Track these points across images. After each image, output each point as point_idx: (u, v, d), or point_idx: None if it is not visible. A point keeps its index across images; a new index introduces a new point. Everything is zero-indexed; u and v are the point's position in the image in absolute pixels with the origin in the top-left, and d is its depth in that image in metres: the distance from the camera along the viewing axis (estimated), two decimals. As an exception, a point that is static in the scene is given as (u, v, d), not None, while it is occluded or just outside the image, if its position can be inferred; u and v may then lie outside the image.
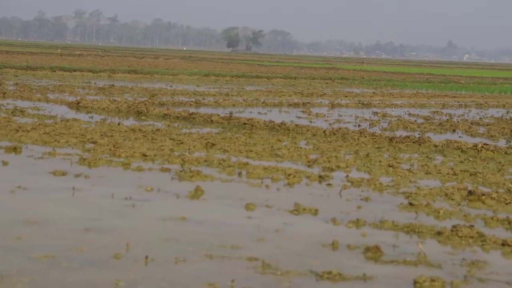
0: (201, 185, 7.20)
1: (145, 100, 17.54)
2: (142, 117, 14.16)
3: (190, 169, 8.18)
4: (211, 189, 7.22)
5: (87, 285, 4.24)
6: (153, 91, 21.61)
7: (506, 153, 10.76)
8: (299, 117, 15.72)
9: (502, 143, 12.29)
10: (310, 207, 6.48)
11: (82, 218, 5.86)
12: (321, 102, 20.60)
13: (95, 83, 24.23)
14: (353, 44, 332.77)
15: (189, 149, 9.85)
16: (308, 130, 12.82)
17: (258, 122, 13.56)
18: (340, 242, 5.33)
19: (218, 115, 14.44)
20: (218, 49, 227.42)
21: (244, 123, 13.51)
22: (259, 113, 16.40)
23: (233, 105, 18.27)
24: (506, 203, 6.91)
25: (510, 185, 7.85)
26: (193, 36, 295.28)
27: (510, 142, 12.56)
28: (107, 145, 9.62)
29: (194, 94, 21.42)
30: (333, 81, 34.38)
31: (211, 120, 13.89)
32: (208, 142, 10.39)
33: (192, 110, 15.71)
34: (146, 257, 4.77)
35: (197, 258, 4.85)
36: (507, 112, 19.37)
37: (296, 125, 13.29)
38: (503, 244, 5.41)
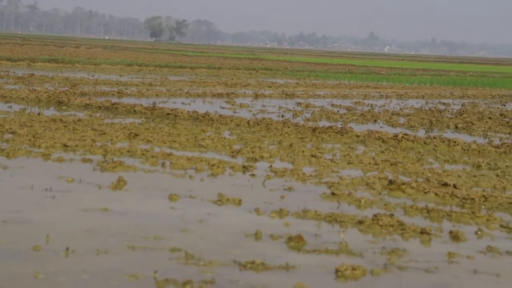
0: (123, 175, 7.11)
1: (66, 90, 17.23)
2: (63, 107, 13.92)
3: (112, 159, 8.08)
4: (134, 179, 7.15)
5: (6, 278, 4.14)
6: (75, 80, 21.25)
7: (425, 143, 10.98)
8: (223, 108, 15.71)
9: (421, 133, 12.54)
10: (233, 198, 6.48)
11: (0, 210, 5.72)
12: (245, 92, 20.63)
13: (13, 72, 23.67)
14: (277, 34, 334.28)
15: (111, 139, 9.72)
16: (232, 121, 12.82)
17: (181, 112, 13.49)
18: (263, 232, 5.35)
19: (141, 105, 14.30)
20: (141, 39, 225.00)
21: (168, 114, 13.42)
22: (182, 103, 16.32)
23: (157, 95, 18.13)
24: (425, 192, 7.05)
25: (429, 175, 8.01)
26: (115, 26, 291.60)
27: (429, 132, 12.83)
28: (27, 136, 9.41)
29: (117, 84, 21.16)
30: (257, 72, 34.47)
31: (134, 111, 13.74)
32: (131, 132, 10.28)
33: (114, 100, 15.52)
34: (67, 249, 4.69)
35: (119, 250, 4.80)
36: (426, 103, 19.77)
37: (220, 116, 13.27)
38: (421, 232, 5.52)
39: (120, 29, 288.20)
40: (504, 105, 20.16)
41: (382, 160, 8.96)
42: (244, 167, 8.10)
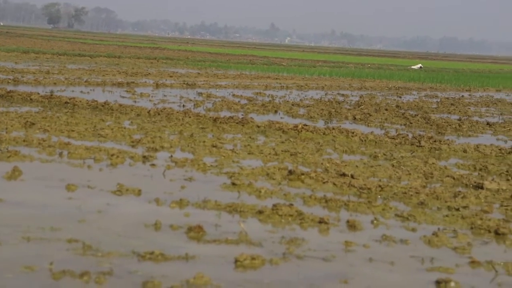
0: (19, 165, 6.93)
1: (-41, 77, 16.63)
2: (-44, 95, 13.43)
3: (7, 149, 7.86)
4: (30, 169, 6.97)
5: None
6: (-32, 67, 20.54)
7: (324, 133, 11.15)
8: (123, 97, 15.51)
9: (321, 124, 12.72)
10: (133, 188, 6.41)
11: None
12: (145, 82, 20.44)
13: None
14: (178, 24, 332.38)
15: (6, 128, 9.46)
16: (132, 110, 12.68)
17: (80, 101, 13.25)
18: (163, 223, 5.31)
19: (38, 93, 13.96)
20: (38, 26, 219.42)
21: (66, 102, 13.15)
22: (81, 92, 16.03)
23: (54, 83, 17.73)
24: (324, 182, 7.16)
25: (328, 165, 8.13)
26: (11, 11, 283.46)
27: (328, 123, 13.03)
28: None
29: (12, 71, 20.59)
30: (158, 61, 34.19)
31: (31, 99, 13.41)
32: (27, 121, 10.02)
33: (10, 88, 15.09)
34: (-41, 242, 4.53)
35: (13, 241, 4.67)
36: (325, 94, 20.07)
37: (120, 105, 13.10)
38: (320, 222, 5.61)
39: (16, 15, 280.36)
40: (400, 97, 20.67)
41: (282, 151, 9.04)
42: (144, 157, 8.03)
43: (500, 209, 6.44)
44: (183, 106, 14.40)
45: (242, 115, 13.10)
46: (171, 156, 8.21)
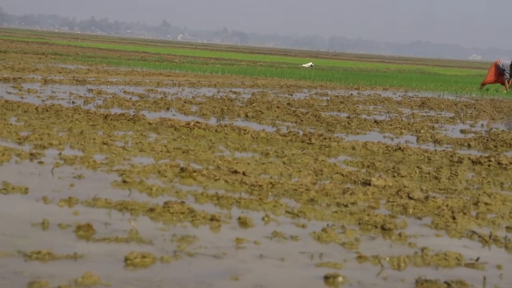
0: None
1: None
2: None
3: None
4: None
5: None
6: None
7: (216, 131, 11.17)
8: (9, 93, 15.08)
9: (213, 121, 12.74)
10: (20, 186, 6.24)
11: None
12: (33, 77, 19.92)
13: None
14: (67, 19, 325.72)
15: None
16: (19, 106, 12.34)
17: (-36, 96, 12.79)
18: (51, 221, 5.20)
19: None
20: None
21: (-51, 98, 12.67)
22: (-35, 87, 15.47)
23: None
24: (216, 180, 7.17)
25: (220, 162, 8.15)
26: None
27: (220, 120, 13.06)
28: None
29: None
30: (46, 57, 33.40)
31: None
32: None
33: None
34: None
35: None
36: (218, 91, 20.11)
37: (6, 101, 12.73)
38: (211, 219, 5.61)
39: None
40: (292, 95, 20.94)
41: (174, 148, 9.00)
42: (31, 154, 7.83)
43: (386, 205, 6.62)
44: (73, 102, 14.12)
45: (134, 112, 12.96)
46: (60, 153, 8.03)
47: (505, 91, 29.45)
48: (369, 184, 7.41)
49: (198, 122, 11.57)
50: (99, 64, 30.51)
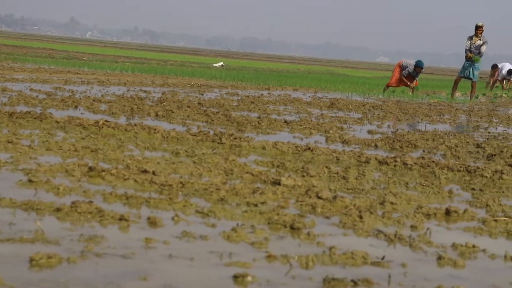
0: None
1: None
2: None
3: None
4: None
5: None
6: None
7: (126, 130, 11.05)
8: None
9: (122, 120, 12.59)
10: None
11: None
12: None
13: None
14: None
15: None
16: None
17: None
18: (-47, 222, 5.03)
19: None
20: None
21: None
22: None
23: None
24: (125, 179, 7.09)
25: (129, 161, 8.07)
26: None
27: (130, 119, 12.92)
28: None
29: None
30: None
31: None
32: None
33: None
34: None
35: None
36: (128, 90, 19.90)
37: None
38: (120, 219, 5.55)
39: None
40: (202, 94, 20.91)
41: (82, 147, 8.85)
42: None
43: (295, 204, 6.68)
44: (-23, 99, 13.72)
45: (40, 110, 12.69)
46: (-37, 152, 7.79)
47: (411, 93, 30.20)
48: (279, 184, 7.47)
49: (107, 121, 11.42)
50: (4, 61, 29.75)
